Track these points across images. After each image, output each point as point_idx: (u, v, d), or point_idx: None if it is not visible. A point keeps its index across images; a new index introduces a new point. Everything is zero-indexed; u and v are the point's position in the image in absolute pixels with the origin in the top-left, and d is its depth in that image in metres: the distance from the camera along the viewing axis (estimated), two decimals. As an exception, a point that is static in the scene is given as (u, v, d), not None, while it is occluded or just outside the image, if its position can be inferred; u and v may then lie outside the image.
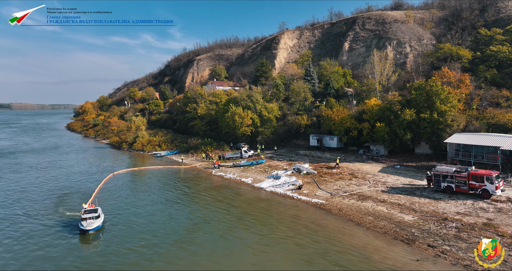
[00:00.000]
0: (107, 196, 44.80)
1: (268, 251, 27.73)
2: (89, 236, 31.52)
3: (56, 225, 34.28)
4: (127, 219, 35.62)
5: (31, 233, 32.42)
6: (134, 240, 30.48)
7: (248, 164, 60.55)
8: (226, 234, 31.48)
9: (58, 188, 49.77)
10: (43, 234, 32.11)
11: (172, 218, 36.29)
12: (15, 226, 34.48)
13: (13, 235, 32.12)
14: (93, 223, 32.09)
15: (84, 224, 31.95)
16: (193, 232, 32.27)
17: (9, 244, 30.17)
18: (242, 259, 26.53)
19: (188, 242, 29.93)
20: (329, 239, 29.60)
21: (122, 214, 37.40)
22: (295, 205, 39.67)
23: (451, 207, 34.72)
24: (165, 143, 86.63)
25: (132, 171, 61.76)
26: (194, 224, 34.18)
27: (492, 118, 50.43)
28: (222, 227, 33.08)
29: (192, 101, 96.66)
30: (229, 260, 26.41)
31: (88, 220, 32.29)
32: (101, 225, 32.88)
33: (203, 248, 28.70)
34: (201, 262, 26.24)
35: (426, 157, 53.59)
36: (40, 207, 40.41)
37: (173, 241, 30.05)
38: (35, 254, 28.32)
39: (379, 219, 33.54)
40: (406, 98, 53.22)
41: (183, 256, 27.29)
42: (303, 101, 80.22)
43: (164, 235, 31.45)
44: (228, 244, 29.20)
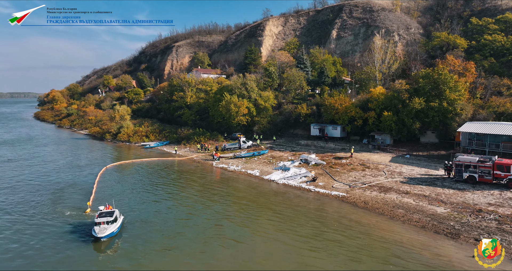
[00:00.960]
0: (110, 192, 41.12)
1: (309, 248, 25.74)
2: (102, 244, 27.07)
3: (61, 230, 30.55)
4: (142, 219, 32.34)
5: (32, 242, 28.65)
6: (159, 244, 27.51)
7: (250, 155, 58.13)
8: (257, 232, 29.17)
9: (50, 183, 45.37)
10: (48, 244, 28.27)
11: (191, 214, 33.48)
12: (12, 233, 30.49)
13: (13, 248, 28.27)
14: (106, 229, 27.44)
15: (96, 230, 27.50)
16: (221, 230, 29.70)
17: (10, 259, 26.40)
18: (286, 258, 24.37)
19: (222, 242, 27.39)
20: (369, 235, 28.01)
21: (134, 212, 34.10)
22: (316, 198, 37.88)
23: (480, 197, 34.12)
24: (153, 133, 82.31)
25: (125, 164, 57.77)
26: (218, 221, 31.60)
27: (497, 107, 50.58)
28: (250, 225, 30.72)
29: (179, 89, 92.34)
30: (274, 260, 24.17)
31: (102, 225, 27.79)
32: (116, 231, 28.23)
33: (241, 247, 26.28)
34: (247, 263, 23.86)
35: (432, 146, 53.30)
36: (36, 207, 36.27)
37: (202, 242, 27.41)
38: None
39: (410, 212, 32.36)
40: (413, 87, 52.33)
41: (222, 257, 24.77)
42: (299, 89, 78.32)
43: (192, 236, 28.70)
44: (266, 243, 26.91)
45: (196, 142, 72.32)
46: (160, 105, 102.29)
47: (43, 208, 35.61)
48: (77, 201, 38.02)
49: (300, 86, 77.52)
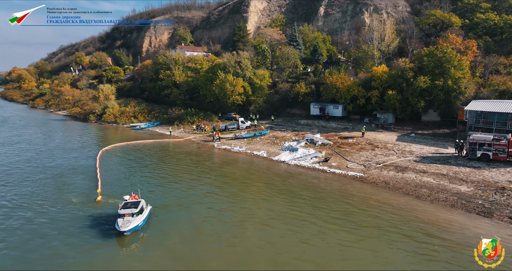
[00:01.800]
0: (115, 176, 38.73)
1: (348, 231, 25.05)
2: (125, 238, 24.56)
3: (77, 224, 28.32)
4: (163, 205, 30.52)
5: (47, 234, 26.41)
6: (191, 233, 25.99)
7: (251, 135, 56.68)
8: (287, 214, 28.14)
9: (47, 168, 42.28)
10: (66, 239, 26.15)
11: (211, 198, 31.98)
12: (24, 226, 28.00)
13: (31, 247, 25.93)
14: (130, 222, 24.78)
15: (119, 222, 24.95)
16: (249, 213, 28.49)
17: (20, 258, 24.17)
18: (328, 241, 23.59)
19: (257, 226, 26.26)
20: (402, 216, 27.70)
21: (150, 199, 32.11)
22: (334, 179, 37.32)
23: (498, 175, 34.66)
24: (141, 113, 78.76)
25: (121, 146, 54.87)
26: (242, 204, 30.32)
27: (498, 85, 51.36)
28: (276, 208, 29.63)
29: (164, 67, 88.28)
30: (317, 243, 23.31)
31: (126, 217, 25.24)
32: (141, 224, 25.56)
33: (279, 232, 25.24)
34: (293, 248, 22.90)
35: (434, 124, 53.83)
36: (41, 194, 33.56)
37: (237, 228, 26.17)
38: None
39: (434, 191, 32.42)
40: (417, 65, 52.06)
41: (265, 243, 23.68)
42: (293, 68, 76.71)
43: (223, 222, 27.35)
44: (303, 227, 25.97)
45: (190, 122, 69.87)
46: (144, 84, 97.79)
47: (49, 196, 32.98)
48: (83, 187, 35.57)
49: (294, 65, 75.85)
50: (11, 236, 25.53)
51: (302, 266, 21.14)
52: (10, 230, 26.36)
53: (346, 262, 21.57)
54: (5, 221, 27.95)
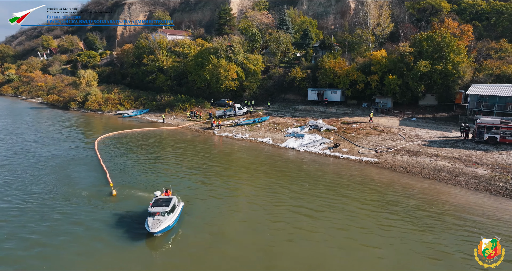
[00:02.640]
0: (121, 167, 36.53)
1: (385, 217, 24.90)
2: (155, 239, 22.39)
3: (96, 219, 26.46)
4: (187, 200, 29.01)
5: (67, 230, 24.50)
6: (227, 229, 24.81)
7: (251, 122, 55.49)
8: (317, 201, 27.60)
9: (44, 160, 39.35)
10: (87, 236, 24.47)
11: (234, 189, 30.88)
12: (37, 221, 25.79)
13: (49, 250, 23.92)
14: (161, 222, 22.61)
15: (149, 222, 22.81)
16: (283, 204, 27.64)
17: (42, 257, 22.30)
18: (371, 227, 23.28)
19: (300, 218, 25.47)
20: (431, 200, 27.87)
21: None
22: (350, 165, 37.14)
23: (509, 157, 35.65)
24: (127, 100, 75.23)
25: (115, 135, 52.11)
26: (268, 193, 29.38)
27: (492, 69, 52.75)
28: (303, 196, 29.03)
29: (148, 52, 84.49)
30: (361, 229, 22.97)
31: (157, 216, 23.15)
32: (172, 224, 23.39)
33: (324, 222, 24.63)
34: (338, 235, 22.36)
35: (431, 108, 54.81)
36: (48, 188, 31.08)
37: (274, 220, 25.32)
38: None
39: (453, 174, 32.93)
40: (417, 50, 52.38)
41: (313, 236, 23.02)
42: (285, 52, 75.50)
43: (257, 214, 26.37)
44: (341, 214, 25.53)
45: (182, 109, 67.56)
46: (125, 70, 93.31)
47: (57, 191, 30.58)
48: (91, 180, 33.35)
49: (286, 49, 74.64)
50: (32, 233, 23.43)
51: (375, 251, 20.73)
52: (29, 227, 24.18)
53: (402, 245, 21.33)
54: (20, 218, 25.63)
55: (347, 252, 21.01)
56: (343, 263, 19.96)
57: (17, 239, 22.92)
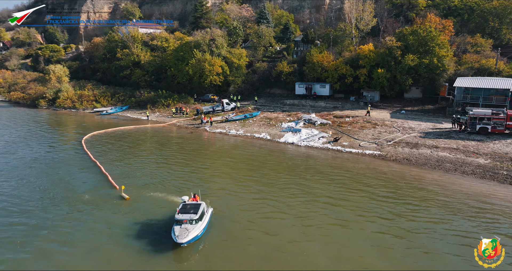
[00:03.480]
0: (121, 170, 34.34)
1: (408, 210, 25.18)
2: (183, 250, 20.40)
3: (113, 225, 24.61)
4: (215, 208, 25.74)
5: (86, 238, 22.57)
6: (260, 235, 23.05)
7: (242, 118, 54.45)
8: (332, 198, 27.42)
9: (28, 162, 36.06)
10: (108, 245, 22.65)
11: (253, 190, 29.94)
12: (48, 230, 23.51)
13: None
14: (189, 232, 20.56)
15: (176, 231, 20.76)
16: (303, 204, 27.08)
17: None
18: (400, 224, 23.40)
19: (326, 219, 25.05)
20: (445, 189, 28.59)
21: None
22: (355, 158, 37.37)
23: (503, 147, 37.47)
24: (103, 97, 71.26)
25: (100, 134, 49.07)
26: (285, 192, 28.74)
27: (472, 63, 55.30)
28: (318, 192, 28.74)
29: (121, 46, 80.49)
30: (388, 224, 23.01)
31: (184, 224, 21.13)
32: (201, 234, 21.38)
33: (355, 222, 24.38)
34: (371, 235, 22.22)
35: (416, 101, 56.59)
36: (46, 193, 28.46)
37: (304, 223, 24.73)
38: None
39: (458, 165, 34.04)
40: (404, 44, 53.70)
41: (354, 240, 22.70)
42: (266, 46, 74.78)
43: (285, 216, 25.62)
44: (365, 209, 25.47)
45: (165, 106, 65.07)
46: (96, 65, 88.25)
47: (58, 196, 28.11)
48: (91, 183, 31.04)
49: (268, 43, 73.96)
50: (47, 241, 21.27)
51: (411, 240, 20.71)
52: (42, 236, 21.93)
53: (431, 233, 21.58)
54: (28, 226, 23.18)
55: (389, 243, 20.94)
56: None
57: (32, 247, 20.74)
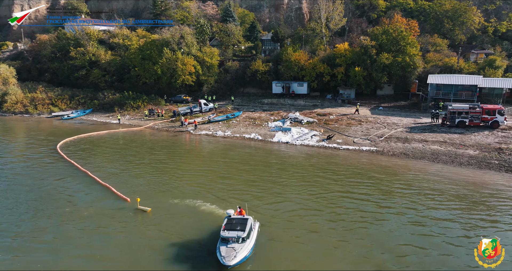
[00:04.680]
0: (121, 177, 31.33)
1: (426, 206, 26.12)
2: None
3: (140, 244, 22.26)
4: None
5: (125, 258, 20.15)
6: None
7: (225, 118, 52.85)
8: (352, 196, 27.59)
9: (9, 177, 31.43)
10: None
11: (274, 195, 28.99)
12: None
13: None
14: (237, 252, 18.43)
15: (222, 251, 18.60)
16: (328, 206, 26.83)
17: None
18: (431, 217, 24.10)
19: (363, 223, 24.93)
20: (452, 180, 30.09)
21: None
22: (355, 155, 38.00)
23: (483, 138, 40.50)
24: (61, 100, 64.85)
25: (74, 141, 44.50)
26: (304, 194, 28.30)
27: (435, 61, 59.35)
28: (339, 190, 28.77)
29: (74, 44, 74.13)
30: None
31: (231, 243, 19.04)
32: (249, 254, 19.22)
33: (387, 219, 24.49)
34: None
35: (388, 97, 59.31)
36: (36, 209, 24.94)
37: (347, 229, 24.39)
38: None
39: (452, 157, 36.12)
40: (378, 43, 55.96)
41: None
42: (236, 45, 73.58)
43: (321, 224, 25.03)
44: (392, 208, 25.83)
45: (135, 108, 61.03)
46: (44, 65, 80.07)
47: (54, 212, 24.79)
48: (92, 195, 27.88)
49: (237, 42, 72.79)
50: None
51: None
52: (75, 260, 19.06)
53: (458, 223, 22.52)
54: (47, 244, 19.99)
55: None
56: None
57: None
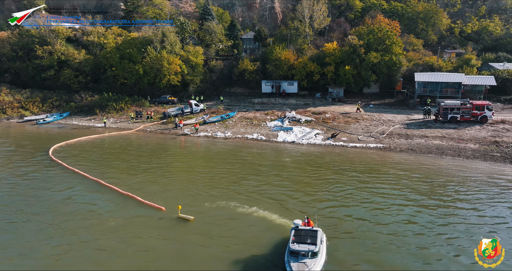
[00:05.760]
0: (132, 183, 29.18)
1: (450, 200, 27.12)
2: None
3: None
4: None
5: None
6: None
7: (220, 119, 51.48)
8: (385, 195, 27.96)
9: (8, 188, 28.06)
10: None
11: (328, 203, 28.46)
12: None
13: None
14: (310, 268, 16.97)
15: (294, 266, 17.04)
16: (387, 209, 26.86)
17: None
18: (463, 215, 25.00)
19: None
20: (463, 171, 31.50)
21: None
22: (364, 152, 38.52)
23: (477, 132, 42.87)
24: (32, 103, 59.51)
25: (62, 147, 40.95)
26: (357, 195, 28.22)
27: (415, 60, 62.16)
28: (372, 189, 28.98)
29: (39, 42, 68.57)
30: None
31: (301, 258, 17.37)
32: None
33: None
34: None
35: (374, 95, 61.14)
36: (55, 225, 22.52)
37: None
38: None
39: (456, 151, 37.84)
40: (365, 42, 57.39)
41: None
42: (218, 44, 72.06)
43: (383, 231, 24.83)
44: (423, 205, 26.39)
45: (118, 110, 57.58)
46: (3, 64, 73.04)
47: (76, 226, 22.55)
48: (110, 204, 25.68)
49: (219, 41, 71.30)
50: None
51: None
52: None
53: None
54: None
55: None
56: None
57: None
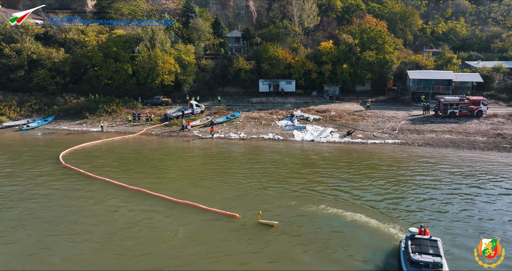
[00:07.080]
0: (179, 189, 27.29)
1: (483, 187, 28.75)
2: None
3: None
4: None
5: None
6: None
7: (226, 120, 50.03)
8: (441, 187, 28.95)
9: (42, 207, 24.85)
10: None
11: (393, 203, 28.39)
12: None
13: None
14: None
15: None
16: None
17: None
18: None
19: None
20: (484, 162, 33.54)
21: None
22: (385, 148, 39.49)
23: (478, 126, 45.81)
24: (8, 107, 53.48)
25: (69, 154, 37.26)
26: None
27: (402, 59, 65.09)
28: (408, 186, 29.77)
29: (4, 39, 62.12)
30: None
31: (424, 270, 16.84)
32: None
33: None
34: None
35: (367, 93, 62.98)
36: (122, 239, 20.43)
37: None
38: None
39: (470, 144, 40.10)
40: (360, 41, 58.91)
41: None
42: (206, 42, 69.96)
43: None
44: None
45: (109, 112, 53.68)
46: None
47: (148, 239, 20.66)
48: (173, 215, 23.83)
49: (207, 39, 69.21)
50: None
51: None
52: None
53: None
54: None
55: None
56: None
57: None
